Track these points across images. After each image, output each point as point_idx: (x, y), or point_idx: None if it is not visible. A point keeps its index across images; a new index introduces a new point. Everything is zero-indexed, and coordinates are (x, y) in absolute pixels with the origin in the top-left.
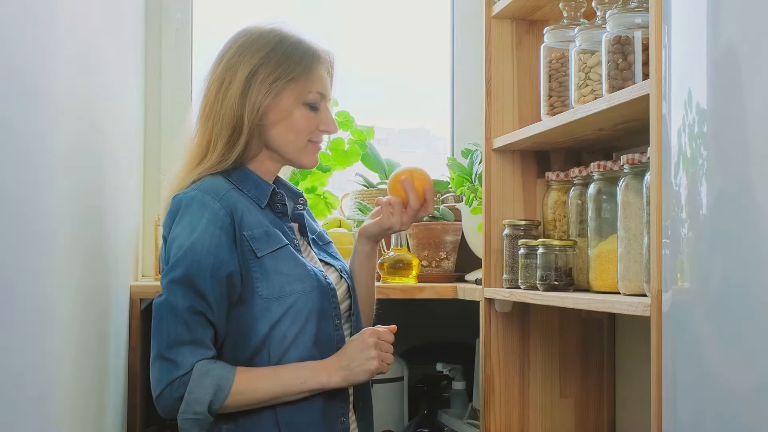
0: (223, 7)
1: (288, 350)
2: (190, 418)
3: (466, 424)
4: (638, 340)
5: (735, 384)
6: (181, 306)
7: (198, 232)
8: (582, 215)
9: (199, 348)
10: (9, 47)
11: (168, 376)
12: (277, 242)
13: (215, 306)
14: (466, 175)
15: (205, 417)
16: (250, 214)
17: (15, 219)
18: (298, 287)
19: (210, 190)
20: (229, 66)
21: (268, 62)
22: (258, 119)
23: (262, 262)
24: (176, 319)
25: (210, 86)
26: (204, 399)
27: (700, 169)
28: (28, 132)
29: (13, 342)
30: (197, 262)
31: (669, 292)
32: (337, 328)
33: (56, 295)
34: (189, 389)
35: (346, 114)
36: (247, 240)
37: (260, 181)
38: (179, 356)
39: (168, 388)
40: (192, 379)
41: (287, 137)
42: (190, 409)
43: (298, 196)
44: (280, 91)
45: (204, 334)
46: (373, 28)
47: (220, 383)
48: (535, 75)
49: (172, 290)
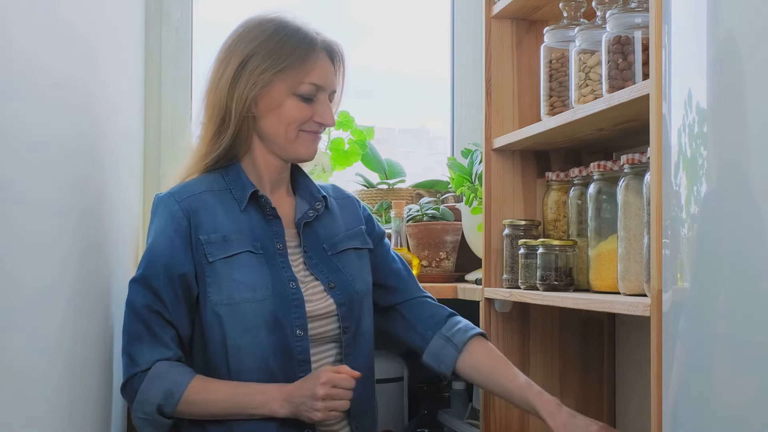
0: (223, 7)
1: (243, 358)
2: (140, 417)
3: (466, 424)
4: (638, 340)
5: (735, 384)
6: (139, 304)
7: (157, 233)
8: (582, 215)
9: (157, 347)
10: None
11: (128, 372)
12: (235, 248)
13: (171, 306)
14: (466, 175)
15: (156, 419)
16: (215, 217)
17: (14, 219)
18: (248, 295)
19: (179, 191)
20: (225, 56)
21: (260, 52)
22: (246, 110)
23: (215, 268)
24: (135, 317)
25: (210, 75)
26: (152, 401)
27: (700, 169)
28: (28, 132)
29: (13, 342)
30: (153, 263)
31: (669, 292)
32: (299, 339)
33: (56, 295)
34: (140, 389)
35: (346, 114)
36: (202, 244)
37: (246, 181)
38: (138, 353)
39: (128, 383)
40: (146, 380)
41: (277, 127)
42: (141, 408)
43: (315, 200)
44: (269, 81)
45: (162, 333)
46: (373, 28)
47: (171, 388)
48: (535, 75)
49: (132, 288)
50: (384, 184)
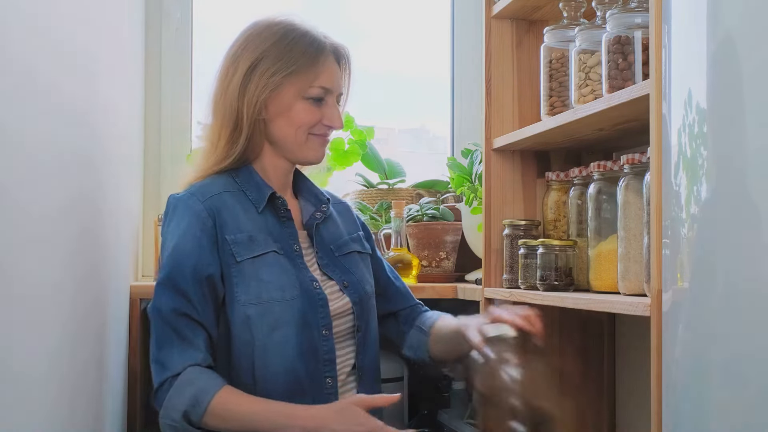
0: (223, 7)
1: (270, 359)
2: (168, 423)
3: (466, 424)
4: (638, 340)
5: (735, 384)
6: (166, 308)
7: (181, 234)
8: (582, 215)
9: (187, 350)
10: (9, 49)
11: (159, 378)
12: (261, 248)
13: (199, 307)
14: (466, 175)
15: (183, 426)
16: (238, 217)
17: (15, 219)
18: (277, 295)
19: (199, 191)
20: (233, 59)
21: (269, 55)
22: (257, 113)
23: (242, 268)
24: (163, 322)
25: (218, 79)
26: (179, 408)
27: (700, 169)
28: (28, 132)
29: (13, 341)
30: (180, 264)
31: (669, 292)
32: (325, 339)
33: (56, 296)
34: (169, 395)
35: (346, 114)
36: (229, 244)
37: (261, 183)
38: (168, 358)
39: (160, 389)
40: (175, 386)
41: (287, 131)
42: (168, 414)
43: (321, 203)
44: (279, 84)
45: (193, 336)
46: (374, 28)
47: (198, 396)
48: (535, 75)
49: (159, 292)
50: (384, 184)
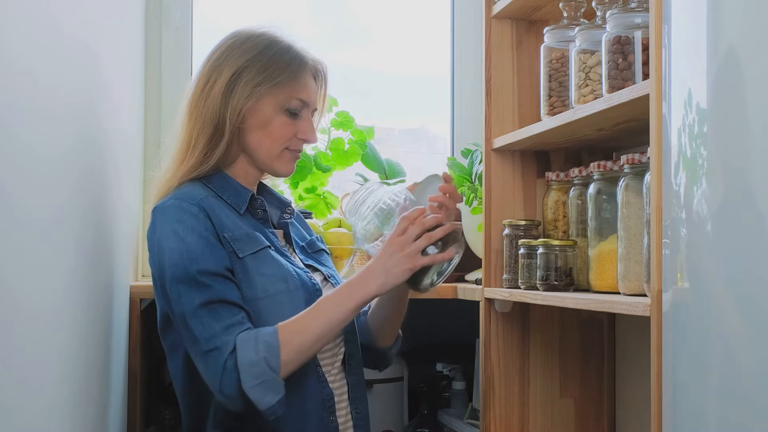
0: (223, 7)
1: None
2: (255, 385)
3: (466, 424)
4: (638, 340)
5: (735, 384)
6: (197, 304)
7: (186, 235)
8: (582, 215)
9: (230, 327)
10: (8, 48)
11: (217, 364)
12: (258, 244)
13: (227, 290)
14: (466, 175)
15: (269, 376)
16: (228, 218)
17: (14, 219)
18: (281, 286)
19: (186, 197)
20: (215, 65)
21: (254, 65)
22: (239, 122)
23: (244, 263)
24: (198, 319)
25: (196, 84)
26: (257, 358)
27: (700, 169)
28: (28, 132)
29: (13, 341)
30: (195, 260)
31: (669, 292)
32: None
33: (56, 295)
34: (239, 359)
35: (346, 114)
36: (228, 241)
37: (239, 187)
38: (218, 342)
39: (223, 374)
40: (238, 350)
41: (263, 142)
42: (250, 373)
43: (285, 206)
44: (262, 95)
45: (231, 315)
46: (373, 27)
47: (267, 339)
48: (535, 75)
49: (182, 293)
50: (384, 185)
